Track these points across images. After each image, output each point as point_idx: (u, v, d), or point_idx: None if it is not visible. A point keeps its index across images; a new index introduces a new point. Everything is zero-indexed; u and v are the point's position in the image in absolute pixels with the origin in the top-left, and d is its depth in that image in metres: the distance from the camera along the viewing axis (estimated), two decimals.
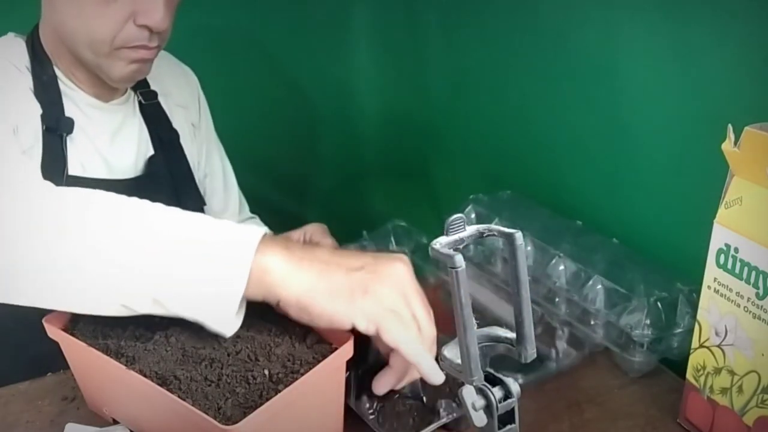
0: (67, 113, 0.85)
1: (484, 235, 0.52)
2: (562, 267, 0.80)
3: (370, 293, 0.56)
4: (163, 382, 0.55)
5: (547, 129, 0.98)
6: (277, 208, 1.39)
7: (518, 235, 0.51)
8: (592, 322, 0.75)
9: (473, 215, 0.92)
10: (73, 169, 0.84)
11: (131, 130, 0.93)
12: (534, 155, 1.02)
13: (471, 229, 0.52)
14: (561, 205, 0.95)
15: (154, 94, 0.96)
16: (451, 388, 0.62)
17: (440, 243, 0.50)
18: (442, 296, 0.80)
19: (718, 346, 0.61)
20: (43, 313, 0.64)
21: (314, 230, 0.91)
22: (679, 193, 0.79)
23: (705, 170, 0.66)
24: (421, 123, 1.30)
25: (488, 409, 0.53)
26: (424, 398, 0.63)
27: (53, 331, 0.63)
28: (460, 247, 0.51)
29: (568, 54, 0.91)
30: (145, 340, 0.61)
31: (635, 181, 0.85)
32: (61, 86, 0.85)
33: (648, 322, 0.71)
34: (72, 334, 0.62)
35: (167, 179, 0.95)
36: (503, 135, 1.08)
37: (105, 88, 0.89)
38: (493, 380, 0.54)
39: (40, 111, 0.82)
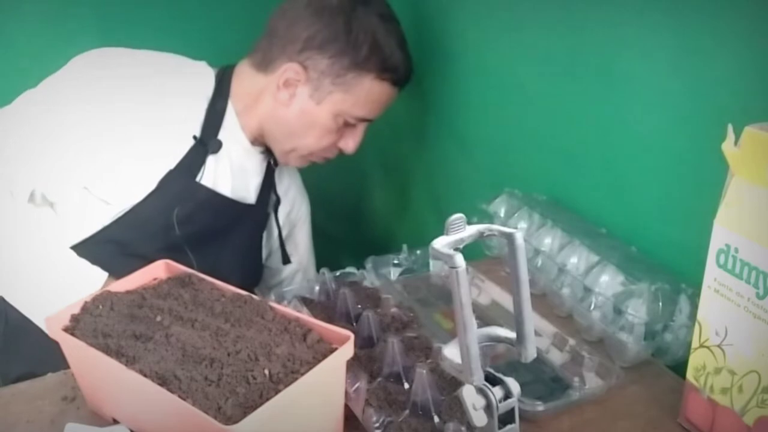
0: (220, 137, 1.00)
1: (485, 234, 0.52)
2: (574, 253, 0.83)
3: None
4: (163, 382, 0.55)
5: (547, 130, 0.98)
6: None
7: (518, 235, 0.51)
8: (593, 304, 0.76)
9: (503, 210, 0.95)
10: (206, 179, 1.00)
11: (255, 172, 1.08)
12: (533, 156, 1.02)
13: (471, 229, 0.52)
14: (560, 205, 0.95)
15: (277, 164, 1.12)
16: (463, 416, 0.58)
17: (440, 243, 0.50)
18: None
19: (718, 346, 0.61)
20: (43, 314, 0.64)
21: None
22: (679, 193, 0.79)
23: (705, 170, 0.66)
24: (421, 125, 1.30)
25: (488, 409, 0.53)
26: (436, 418, 0.61)
27: (53, 331, 0.63)
28: (460, 246, 0.51)
29: (569, 54, 0.91)
30: (145, 340, 0.61)
31: (635, 181, 0.85)
32: (227, 119, 1.01)
33: (645, 307, 0.72)
34: (72, 334, 0.62)
35: (251, 222, 1.11)
36: (503, 136, 1.08)
37: (260, 141, 1.05)
38: (493, 380, 0.54)
39: (199, 123, 0.99)
